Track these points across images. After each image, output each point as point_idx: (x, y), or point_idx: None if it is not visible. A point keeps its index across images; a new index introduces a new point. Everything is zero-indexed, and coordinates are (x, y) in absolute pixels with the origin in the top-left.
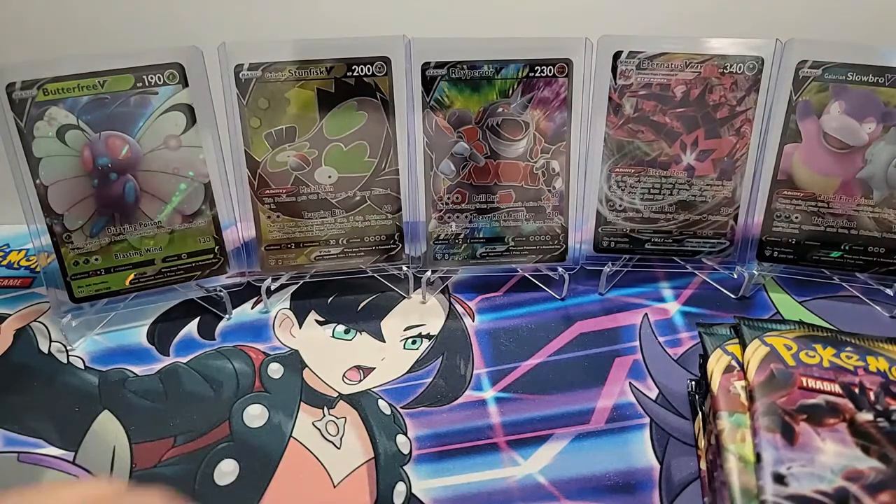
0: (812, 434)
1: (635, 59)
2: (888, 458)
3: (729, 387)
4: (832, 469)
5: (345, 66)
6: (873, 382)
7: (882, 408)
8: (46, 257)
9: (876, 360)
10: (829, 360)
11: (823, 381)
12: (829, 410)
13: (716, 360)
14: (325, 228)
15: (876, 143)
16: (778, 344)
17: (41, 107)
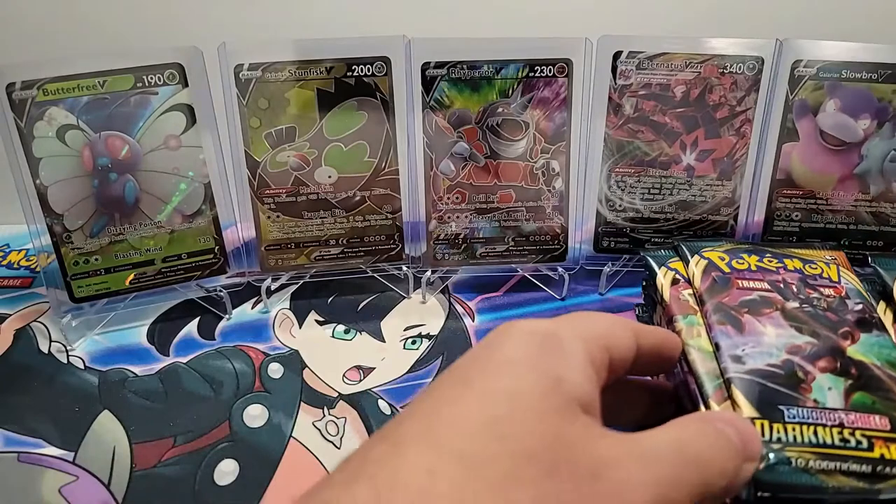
0: (755, 322)
1: (635, 59)
2: (818, 334)
3: (678, 295)
4: (776, 346)
5: (345, 66)
6: (793, 278)
7: (804, 296)
8: (46, 257)
9: (791, 261)
10: (756, 264)
11: (754, 280)
12: (764, 303)
13: (663, 275)
14: (325, 228)
15: (871, 139)
16: (714, 256)
17: (41, 107)
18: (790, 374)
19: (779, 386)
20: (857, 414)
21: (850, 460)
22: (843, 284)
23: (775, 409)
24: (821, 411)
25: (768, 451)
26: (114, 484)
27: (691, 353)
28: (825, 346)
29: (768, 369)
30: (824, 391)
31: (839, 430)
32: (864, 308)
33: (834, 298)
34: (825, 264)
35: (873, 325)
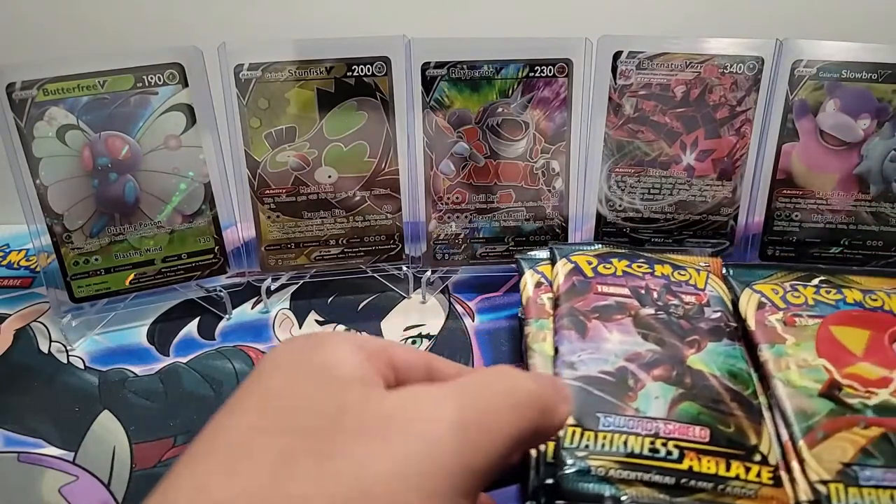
0: (602, 328)
1: (635, 59)
2: (663, 342)
3: (537, 299)
4: (616, 353)
5: (345, 66)
6: (657, 284)
7: (662, 303)
8: (46, 257)
9: (662, 266)
10: (623, 270)
11: (616, 286)
12: (618, 308)
13: (528, 278)
14: (325, 228)
15: (871, 139)
16: (581, 260)
17: (41, 107)
18: (621, 381)
19: (604, 393)
20: (678, 424)
21: (654, 471)
22: (708, 292)
23: (592, 417)
24: (639, 420)
25: (572, 459)
26: (114, 484)
27: (533, 357)
28: (666, 355)
29: (599, 376)
30: (650, 400)
31: (651, 441)
32: (721, 316)
33: (693, 306)
34: (696, 271)
35: (725, 335)
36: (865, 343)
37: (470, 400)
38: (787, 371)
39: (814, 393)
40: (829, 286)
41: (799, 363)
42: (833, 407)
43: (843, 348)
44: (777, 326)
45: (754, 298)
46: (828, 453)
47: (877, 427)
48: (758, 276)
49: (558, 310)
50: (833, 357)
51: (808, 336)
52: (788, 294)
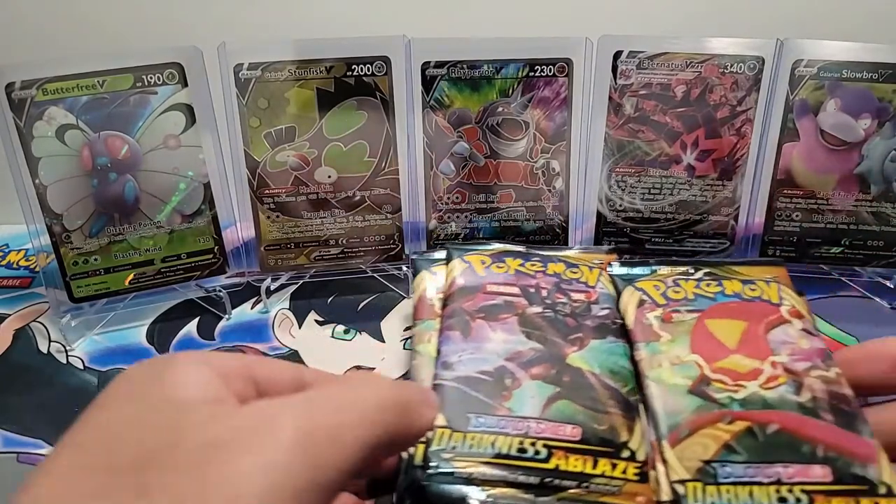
0: (486, 328)
1: (636, 59)
2: (546, 340)
3: (427, 299)
4: (497, 353)
5: (344, 66)
6: (548, 283)
7: (550, 301)
8: (45, 257)
9: (555, 265)
10: (515, 268)
11: (506, 285)
12: (505, 308)
13: (421, 279)
14: (324, 228)
15: (872, 139)
16: (475, 260)
17: (40, 106)
18: (498, 381)
19: (479, 393)
20: (550, 423)
21: (519, 471)
22: (598, 289)
23: (464, 417)
24: (510, 420)
25: (438, 461)
26: None
27: (416, 358)
28: (547, 353)
29: (476, 376)
30: (524, 399)
31: (520, 441)
32: (609, 314)
33: (581, 304)
34: (588, 269)
35: (610, 332)
36: (740, 335)
37: (315, 411)
38: (660, 369)
39: (683, 390)
40: (710, 279)
41: (672, 360)
42: (700, 403)
43: (717, 342)
44: (654, 324)
45: (635, 296)
46: (689, 451)
47: (742, 421)
48: (640, 275)
49: (445, 310)
50: (706, 352)
51: (683, 332)
52: (670, 290)
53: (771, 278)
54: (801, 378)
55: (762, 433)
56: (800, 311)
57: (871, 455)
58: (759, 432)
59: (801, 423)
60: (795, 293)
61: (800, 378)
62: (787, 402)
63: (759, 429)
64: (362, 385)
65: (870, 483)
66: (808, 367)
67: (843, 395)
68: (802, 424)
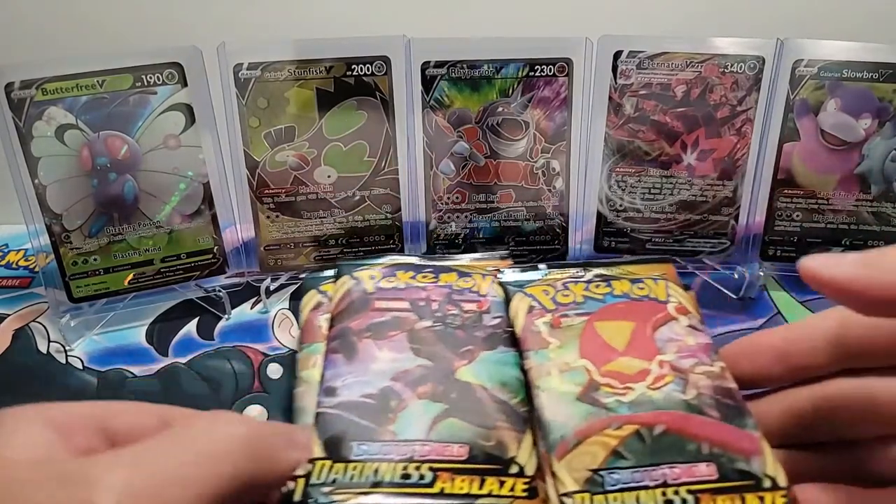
0: (373, 347)
1: (636, 59)
2: (435, 356)
3: (315, 321)
4: (383, 374)
5: (344, 66)
6: (439, 295)
7: (441, 314)
8: (45, 257)
9: (448, 275)
10: (406, 282)
11: (396, 300)
12: (394, 324)
13: (308, 299)
14: (324, 228)
15: (872, 139)
16: (364, 276)
17: (40, 106)
18: (383, 403)
19: (362, 418)
20: (436, 444)
21: (402, 498)
22: (489, 297)
23: (346, 445)
24: (394, 444)
25: (316, 496)
26: None
27: (300, 385)
28: (435, 370)
29: (360, 400)
30: (410, 421)
31: (405, 465)
32: (500, 322)
33: (472, 314)
34: (481, 276)
35: (501, 342)
36: (628, 336)
37: (144, 468)
38: (549, 377)
39: (572, 398)
40: (600, 280)
41: (561, 367)
42: (589, 410)
43: (606, 345)
44: (543, 330)
45: (525, 302)
46: (577, 461)
47: (629, 425)
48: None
49: (331, 331)
50: (594, 356)
51: (572, 337)
52: (559, 294)
53: (659, 276)
54: (687, 375)
55: (649, 435)
56: (686, 307)
57: (754, 449)
58: (647, 435)
59: (686, 422)
60: (682, 289)
61: (685, 375)
62: (673, 402)
63: (646, 431)
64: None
65: (755, 477)
66: (693, 364)
67: (727, 389)
68: (688, 423)
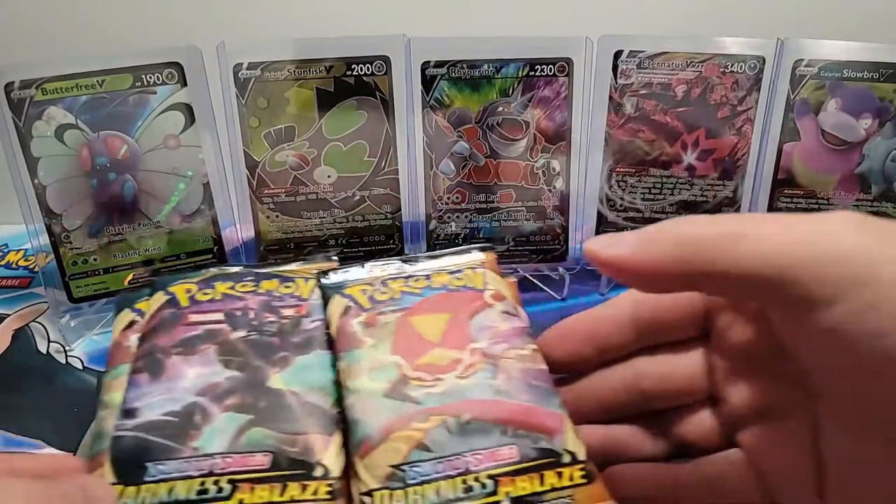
0: (180, 364)
1: (636, 59)
2: (246, 366)
3: (124, 343)
4: (189, 390)
5: (344, 66)
6: (257, 302)
7: (258, 322)
8: (45, 257)
9: (270, 282)
10: (224, 292)
11: (211, 312)
12: (206, 337)
13: (120, 319)
14: (324, 228)
15: (873, 139)
16: (179, 290)
17: (39, 106)
18: (186, 420)
19: (162, 438)
20: (238, 455)
21: None
22: (311, 301)
23: (141, 467)
24: (195, 461)
25: None
26: None
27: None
28: (245, 380)
29: (161, 419)
30: (215, 434)
31: (202, 481)
32: (319, 325)
33: (290, 320)
34: (304, 280)
35: (318, 345)
36: (444, 327)
37: None
38: (359, 377)
39: (380, 395)
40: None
41: (372, 366)
42: (396, 406)
43: (421, 339)
44: (358, 330)
45: (341, 304)
46: (380, 459)
47: (437, 416)
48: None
49: (137, 351)
50: (407, 351)
51: (387, 334)
52: (377, 292)
53: (478, 264)
54: (498, 361)
55: (456, 424)
56: (503, 293)
57: (557, 427)
58: (454, 424)
59: (492, 407)
60: (500, 276)
61: (496, 361)
62: (482, 388)
63: (453, 421)
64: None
65: (555, 454)
66: (505, 349)
67: (536, 370)
68: (494, 408)
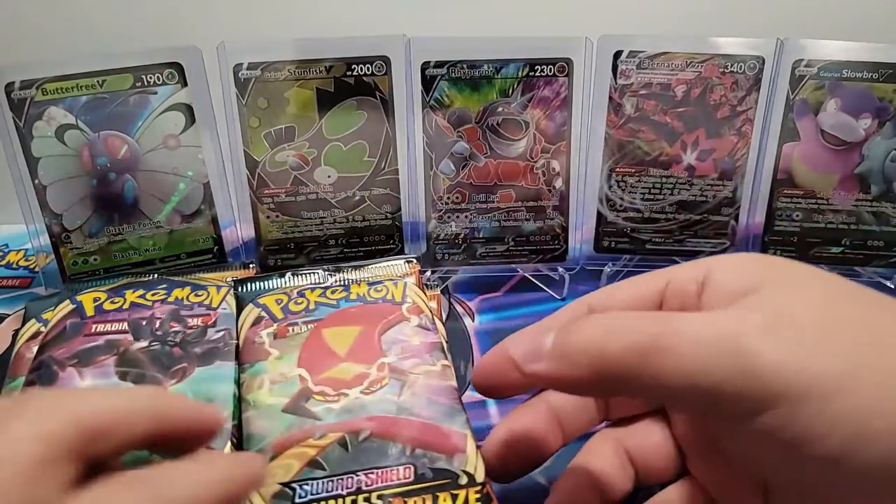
0: (75, 376)
1: (636, 59)
2: (144, 377)
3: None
4: None
5: (344, 66)
6: (164, 311)
7: (162, 332)
8: (45, 257)
9: (180, 290)
10: (133, 300)
11: (115, 322)
12: (106, 348)
13: (25, 330)
14: (324, 228)
15: (872, 139)
16: (87, 299)
17: (40, 106)
18: None
19: None
20: None
21: None
22: (220, 311)
23: None
24: None
25: None
26: None
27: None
28: None
29: None
30: None
31: None
32: (224, 336)
33: (195, 329)
34: (216, 289)
35: (220, 356)
36: (353, 341)
37: None
38: (259, 391)
39: (277, 410)
40: (339, 284)
41: (274, 379)
42: (293, 421)
43: (329, 352)
44: (266, 341)
45: (253, 313)
46: (269, 477)
47: (334, 433)
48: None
49: (33, 363)
50: (312, 364)
51: (295, 346)
52: (292, 302)
53: (400, 276)
54: (406, 376)
55: (354, 442)
56: (421, 307)
57: (459, 446)
58: (351, 441)
59: (392, 425)
60: (422, 289)
61: (404, 377)
62: (384, 405)
63: (351, 437)
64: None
65: (452, 475)
66: (414, 364)
67: (445, 387)
68: (394, 425)
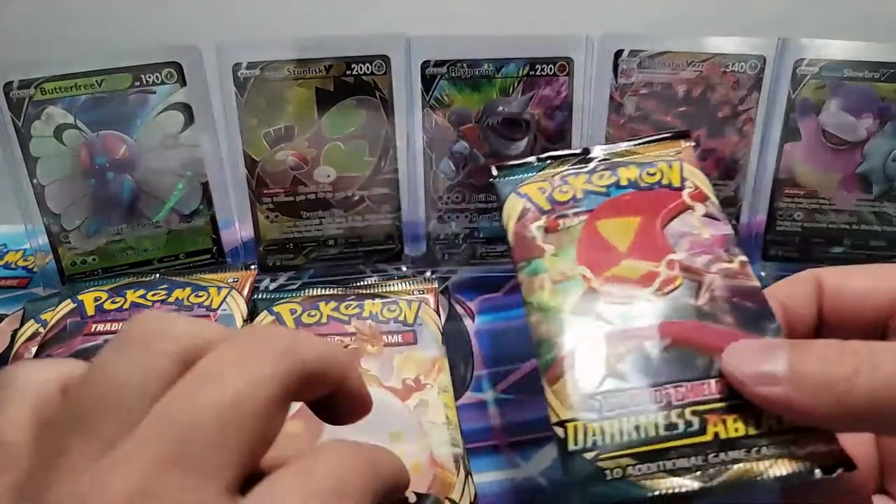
0: None
1: (637, 58)
2: None
3: (25, 354)
4: None
5: (344, 65)
6: (166, 311)
7: None
8: (44, 257)
9: (182, 290)
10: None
11: (115, 322)
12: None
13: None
14: (323, 228)
15: (874, 139)
16: (88, 299)
17: (38, 106)
18: None
19: None
20: None
21: None
22: (220, 312)
23: None
24: None
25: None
26: None
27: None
28: None
29: None
30: None
31: None
32: None
33: None
34: (217, 290)
35: None
36: (633, 233)
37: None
38: (541, 291)
39: (565, 313)
40: (605, 168)
41: (555, 278)
42: (584, 325)
43: (608, 246)
44: (537, 236)
45: (518, 205)
46: (570, 386)
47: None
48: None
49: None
50: (594, 261)
51: (570, 241)
52: (556, 190)
53: (674, 155)
54: (701, 276)
55: (654, 350)
56: (705, 192)
57: None
58: (651, 349)
59: (695, 332)
60: (700, 171)
61: (699, 276)
62: (682, 309)
63: (650, 345)
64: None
65: None
66: (708, 261)
67: (747, 288)
68: (697, 332)
